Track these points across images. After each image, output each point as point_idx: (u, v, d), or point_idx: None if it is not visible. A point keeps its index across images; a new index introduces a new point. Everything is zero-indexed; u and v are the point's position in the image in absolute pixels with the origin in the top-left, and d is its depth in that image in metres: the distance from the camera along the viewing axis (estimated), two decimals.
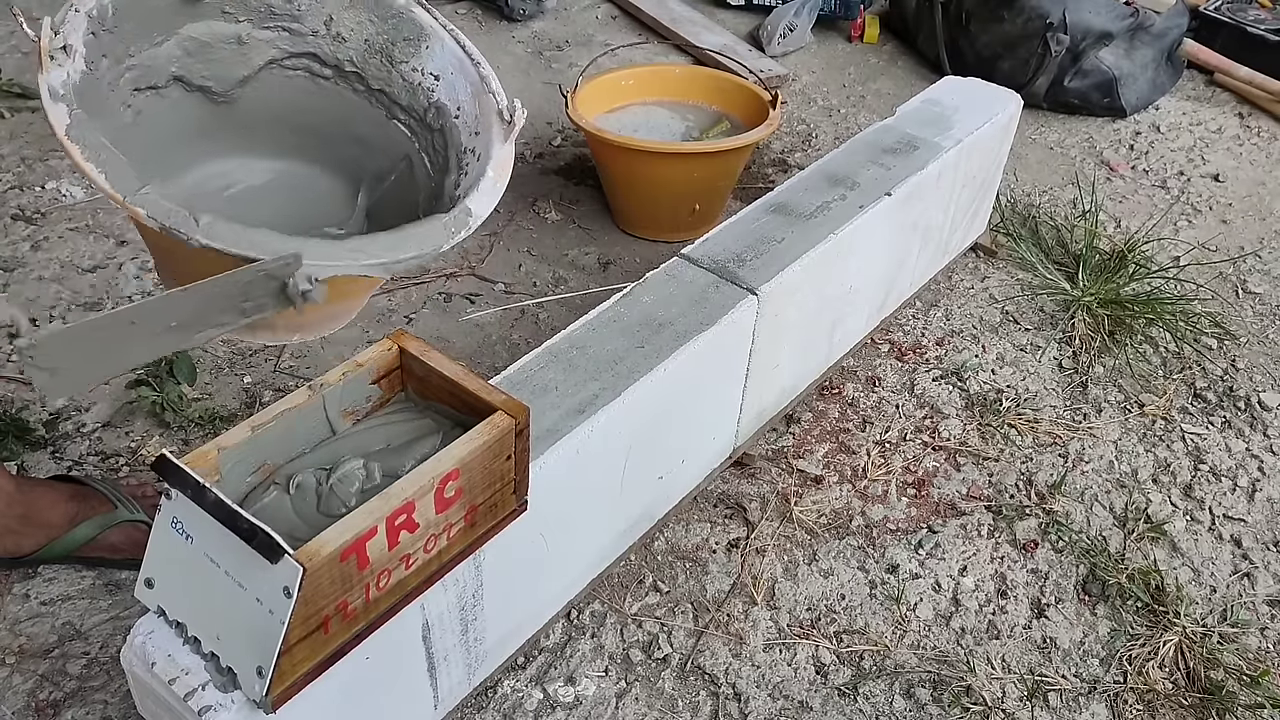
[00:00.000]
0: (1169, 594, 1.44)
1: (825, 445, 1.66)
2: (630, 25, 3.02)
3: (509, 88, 2.70)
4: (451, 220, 0.97)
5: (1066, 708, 1.31)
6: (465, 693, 1.23)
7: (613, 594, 1.41)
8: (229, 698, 0.89)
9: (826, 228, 1.50)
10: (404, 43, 1.07)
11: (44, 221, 2.02)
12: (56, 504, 1.33)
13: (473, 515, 0.99)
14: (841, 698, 1.31)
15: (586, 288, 1.97)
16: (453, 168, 1.07)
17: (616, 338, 1.28)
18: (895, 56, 2.96)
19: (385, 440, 1.00)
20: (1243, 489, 1.64)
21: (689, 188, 2.03)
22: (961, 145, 1.73)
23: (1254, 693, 1.32)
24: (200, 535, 0.87)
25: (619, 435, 1.23)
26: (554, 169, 2.34)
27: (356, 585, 0.89)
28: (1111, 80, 2.60)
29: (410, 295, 1.91)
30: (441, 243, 0.96)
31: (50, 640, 1.29)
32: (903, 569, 1.47)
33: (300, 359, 1.76)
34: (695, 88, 2.22)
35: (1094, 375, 1.83)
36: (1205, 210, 2.34)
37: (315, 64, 1.06)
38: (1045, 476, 1.63)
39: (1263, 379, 1.85)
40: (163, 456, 0.83)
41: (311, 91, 1.07)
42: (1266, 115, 2.72)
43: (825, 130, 2.57)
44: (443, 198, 1.05)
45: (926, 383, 1.79)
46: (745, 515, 1.53)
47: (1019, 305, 1.99)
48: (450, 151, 1.07)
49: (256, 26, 1.02)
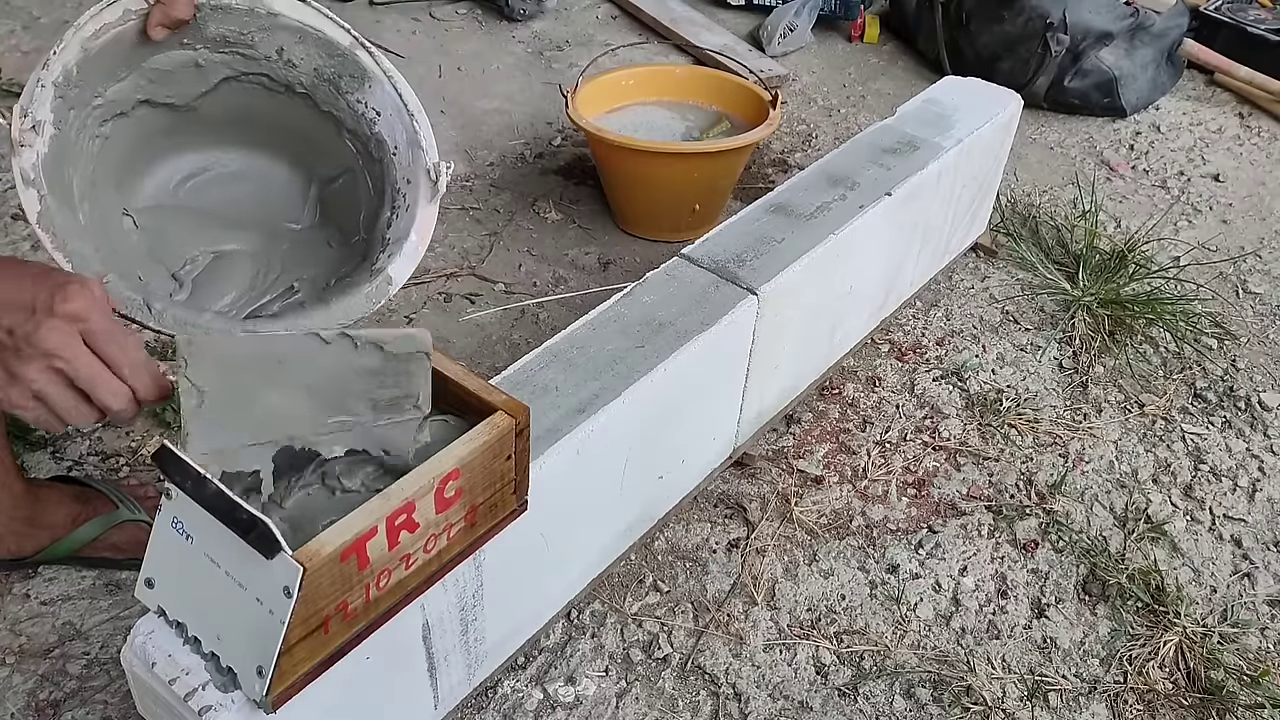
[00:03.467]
0: (1169, 594, 1.44)
1: (825, 445, 1.66)
2: (630, 25, 3.03)
3: (509, 87, 2.67)
4: (374, 290, 1.04)
5: (1066, 708, 1.31)
6: (465, 693, 1.23)
7: (613, 594, 1.41)
8: (229, 698, 0.89)
9: (826, 228, 1.50)
10: (349, 78, 1.12)
11: None
12: (59, 504, 1.33)
13: (473, 515, 0.99)
14: (841, 698, 1.31)
15: (586, 288, 1.97)
16: (387, 203, 1.12)
17: (616, 338, 1.28)
18: (895, 56, 2.96)
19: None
20: (1243, 489, 1.64)
21: (689, 188, 2.03)
22: (961, 145, 1.73)
23: (1254, 693, 1.32)
24: (200, 535, 0.87)
25: (619, 435, 1.23)
26: (554, 169, 2.34)
27: (356, 585, 0.89)
28: (1111, 80, 2.60)
29: (410, 295, 1.91)
30: (364, 311, 1.04)
31: (50, 640, 1.29)
32: (903, 569, 1.47)
33: None
34: (695, 88, 2.22)
35: (1094, 375, 1.83)
36: (1205, 210, 2.34)
37: (268, 81, 1.12)
38: (1045, 476, 1.63)
39: (1263, 379, 1.85)
40: (164, 447, 0.83)
41: (268, 100, 1.13)
42: (1266, 115, 2.72)
43: (825, 130, 2.57)
44: (376, 228, 1.11)
45: (927, 383, 1.79)
46: (745, 515, 1.53)
47: (1019, 305, 1.99)
48: (387, 185, 1.12)
49: (212, 52, 1.08)
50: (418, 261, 1.07)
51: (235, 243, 1.10)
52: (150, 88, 1.04)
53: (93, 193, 0.99)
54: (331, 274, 1.10)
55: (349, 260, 1.11)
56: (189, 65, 1.06)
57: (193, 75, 1.07)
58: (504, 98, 2.61)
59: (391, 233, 1.09)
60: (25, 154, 0.90)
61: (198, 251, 1.08)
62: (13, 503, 1.28)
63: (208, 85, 1.08)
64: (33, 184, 0.90)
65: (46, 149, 0.92)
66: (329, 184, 1.15)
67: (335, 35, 1.10)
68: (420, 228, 1.08)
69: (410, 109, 1.11)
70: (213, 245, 1.09)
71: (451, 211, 2.17)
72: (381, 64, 1.11)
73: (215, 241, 1.09)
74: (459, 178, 2.28)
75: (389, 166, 1.11)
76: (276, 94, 1.11)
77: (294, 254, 1.12)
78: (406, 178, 1.10)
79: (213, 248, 1.09)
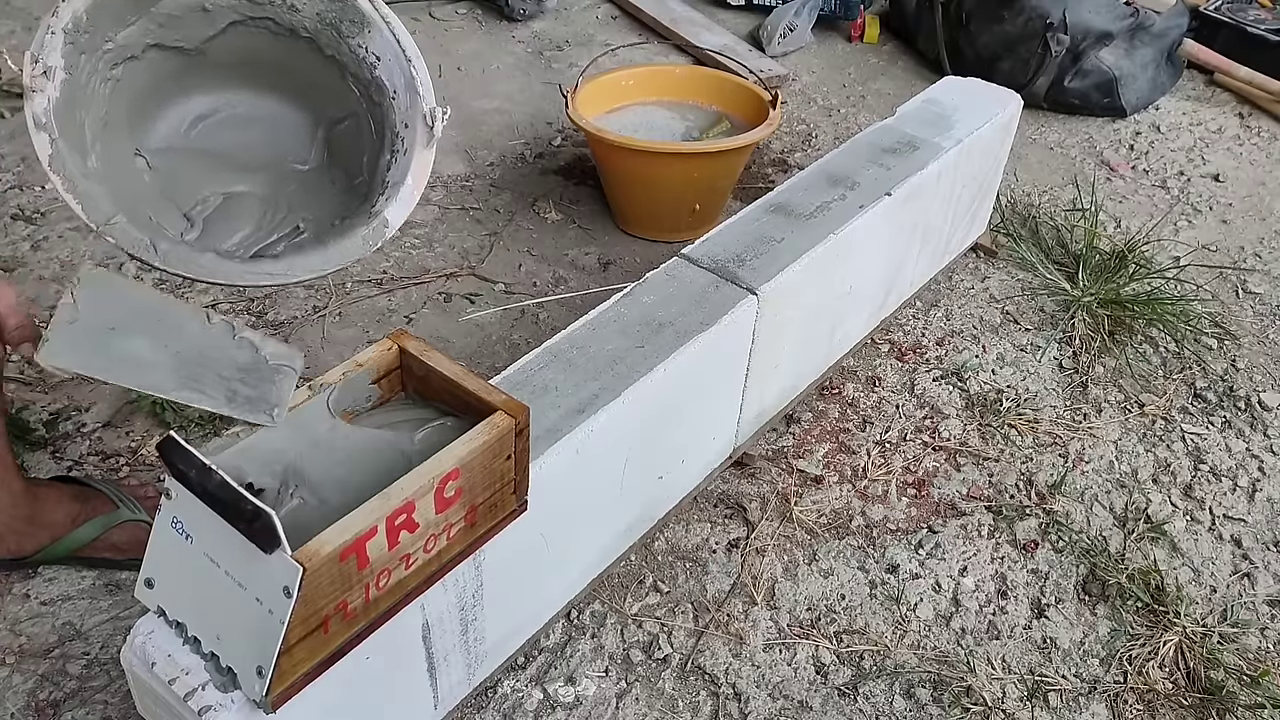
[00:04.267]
0: (1169, 594, 1.44)
1: (825, 445, 1.66)
2: (630, 25, 3.03)
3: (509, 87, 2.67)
4: (370, 233, 1.05)
5: (1066, 708, 1.31)
6: (465, 693, 1.23)
7: (613, 594, 1.41)
8: (229, 698, 0.89)
9: (826, 228, 1.50)
10: (350, 23, 1.14)
11: (44, 221, 2.02)
12: (59, 504, 1.33)
13: (473, 515, 0.99)
14: (841, 698, 1.31)
15: (586, 288, 1.97)
16: (387, 146, 1.14)
17: (616, 338, 1.28)
18: (895, 56, 2.96)
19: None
20: (1243, 489, 1.64)
21: (689, 188, 2.03)
22: (961, 145, 1.73)
23: (1254, 693, 1.32)
24: (200, 535, 0.87)
25: (619, 435, 1.23)
26: (554, 169, 2.34)
27: (356, 585, 0.89)
28: (1111, 80, 2.60)
29: (410, 295, 1.91)
30: (361, 253, 1.05)
31: (50, 640, 1.29)
32: (903, 569, 1.47)
33: None
34: (695, 88, 2.22)
35: (1094, 375, 1.83)
36: (1205, 210, 2.34)
37: (273, 25, 1.14)
38: (1045, 476, 1.63)
39: (1263, 379, 1.85)
40: (170, 438, 0.83)
41: (274, 44, 1.15)
42: (1266, 115, 2.72)
43: (825, 130, 2.57)
44: (377, 173, 1.13)
45: (926, 383, 1.79)
46: (745, 515, 1.53)
47: (1019, 305, 1.99)
48: (387, 129, 1.14)
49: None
50: (412, 206, 1.09)
51: (245, 184, 1.12)
52: (159, 32, 1.06)
53: (105, 135, 1.01)
54: (336, 214, 1.12)
55: (352, 202, 1.13)
56: (196, 9, 1.08)
57: (200, 19, 1.08)
58: (504, 98, 2.61)
59: (390, 176, 1.11)
60: (37, 99, 0.92)
61: (209, 192, 1.10)
62: (12, 501, 1.28)
63: (215, 29, 1.10)
64: (44, 128, 0.92)
65: (58, 93, 0.94)
66: (335, 126, 1.17)
67: None
68: (416, 173, 1.10)
69: (408, 54, 1.12)
70: (223, 186, 1.11)
71: (452, 211, 2.17)
72: (380, 8, 1.13)
73: (226, 183, 1.11)
74: (459, 178, 2.28)
75: (388, 111, 1.13)
76: (282, 38, 1.13)
77: (301, 195, 1.14)
78: (405, 122, 1.12)
79: (223, 189, 1.11)
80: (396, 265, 1.99)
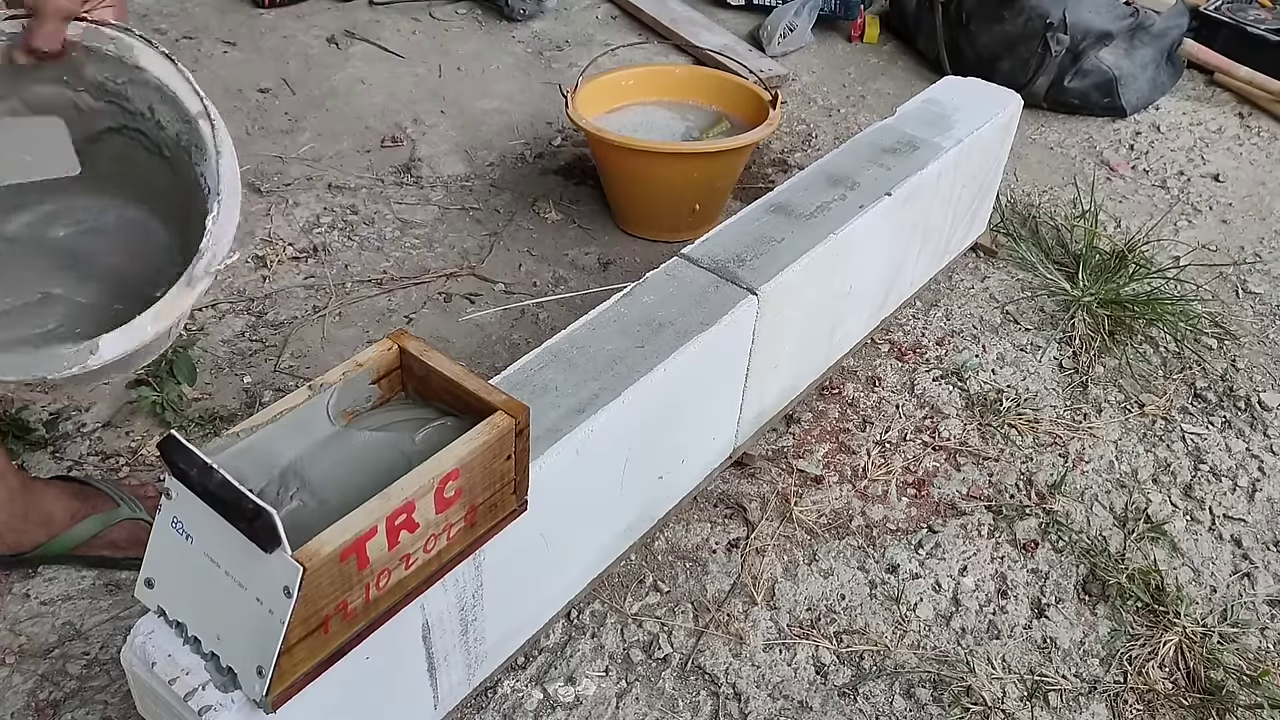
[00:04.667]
0: (1169, 594, 1.44)
1: (825, 445, 1.66)
2: (630, 25, 3.03)
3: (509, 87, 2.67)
4: (73, 355, 0.98)
5: (1066, 708, 1.31)
6: (465, 693, 1.23)
7: (613, 594, 1.41)
8: (229, 698, 0.89)
9: (826, 228, 1.50)
10: (195, 149, 1.09)
11: None
12: (59, 500, 1.33)
13: (473, 515, 0.99)
14: (841, 698, 1.31)
15: (586, 288, 1.97)
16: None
17: (616, 338, 1.28)
18: (895, 56, 2.96)
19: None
20: (1243, 489, 1.64)
21: (689, 188, 2.03)
22: (961, 145, 1.73)
23: (1254, 693, 1.32)
24: (200, 535, 0.87)
25: (619, 435, 1.23)
26: (554, 169, 2.34)
27: (356, 585, 0.89)
28: (1111, 80, 2.60)
29: (410, 295, 1.91)
30: (54, 371, 0.97)
31: (50, 640, 1.29)
32: (903, 569, 1.47)
33: (300, 359, 1.76)
34: (695, 88, 2.22)
35: (1094, 375, 1.83)
36: (1205, 210, 2.34)
37: (145, 140, 1.11)
38: (1045, 476, 1.63)
39: (1263, 379, 1.85)
40: (170, 437, 0.83)
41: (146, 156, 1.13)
42: (1266, 115, 2.72)
43: (825, 130, 2.57)
44: None
45: (926, 383, 1.79)
46: (745, 515, 1.53)
47: (1019, 305, 1.99)
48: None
49: (93, 99, 1.08)
50: (136, 344, 1.00)
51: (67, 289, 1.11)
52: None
53: None
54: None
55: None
56: (68, 106, 1.07)
57: (73, 117, 1.07)
58: (504, 98, 2.61)
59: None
60: None
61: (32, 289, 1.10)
62: (9, 496, 1.28)
63: (91, 131, 1.09)
64: None
65: None
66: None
67: (188, 100, 1.07)
68: (159, 310, 1.01)
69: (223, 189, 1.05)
70: (46, 287, 1.11)
71: (452, 211, 2.17)
72: (217, 138, 1.07)
73: (49, 284, 1.11)
74: (459, 177, 2.28)
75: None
76: (152, 153, 1.11)
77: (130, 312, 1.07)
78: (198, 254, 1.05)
79: (44, 289, 1.10)
80: (396, 265, 1.99)
